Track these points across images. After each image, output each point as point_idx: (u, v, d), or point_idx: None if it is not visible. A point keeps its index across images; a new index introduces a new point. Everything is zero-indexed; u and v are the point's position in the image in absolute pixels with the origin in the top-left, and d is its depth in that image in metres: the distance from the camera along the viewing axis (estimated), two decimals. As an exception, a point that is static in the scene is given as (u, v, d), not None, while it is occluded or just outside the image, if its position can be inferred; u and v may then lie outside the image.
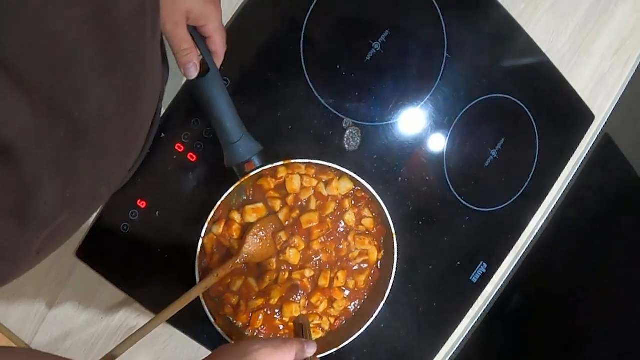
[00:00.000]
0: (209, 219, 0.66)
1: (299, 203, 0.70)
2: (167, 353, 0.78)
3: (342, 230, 0.71)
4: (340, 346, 0.69)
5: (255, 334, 0.70)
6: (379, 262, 0.72)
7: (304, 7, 0.74)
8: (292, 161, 0.67)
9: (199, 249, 0.66)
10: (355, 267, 0.72)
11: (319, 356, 0.68)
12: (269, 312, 0.71)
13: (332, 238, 0.70)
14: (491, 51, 0.80)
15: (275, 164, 0.67)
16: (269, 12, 0.74)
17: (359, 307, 0.73)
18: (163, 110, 0.71)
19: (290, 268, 0.70)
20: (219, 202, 0.66)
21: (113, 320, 0.76)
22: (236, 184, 0.66)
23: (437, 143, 0.79)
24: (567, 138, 0.85)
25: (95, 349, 0.77)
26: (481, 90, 0.79)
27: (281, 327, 0.71)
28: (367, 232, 0.71)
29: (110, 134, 0.49)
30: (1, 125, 0.35)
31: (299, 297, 0.71)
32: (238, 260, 0.68)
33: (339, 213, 0.71)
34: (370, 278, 0.72)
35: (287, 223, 0.70)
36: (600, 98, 0.85)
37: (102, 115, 0.45)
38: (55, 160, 0.42)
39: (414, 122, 0.78)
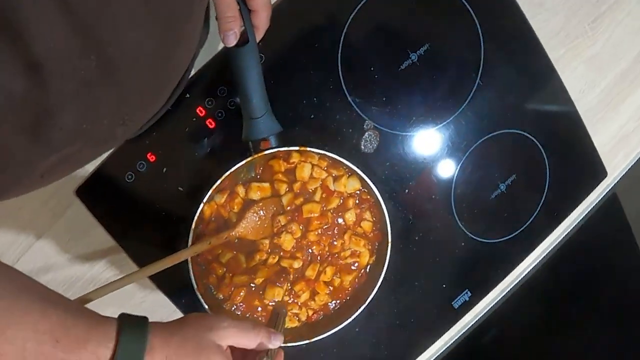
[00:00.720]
0: (214, 187, 0.66)
1: (305, 192, 0.70)
2: (142, 309, 0.78)
3: (340, 227, 0.71)
4: (312, 339, 0.70)
5: (234, 309, 0.71)
6: (369, 266, 0.73)
7: (352, 3, 0.74)
8: (308, 149, 0.67)
9: (197, 214, 0.66)
10: (345, 267, 0.72)
11: (289, 344, 0.69)
12: (251, 291, 0.71)
13: (328, 233, 0.71)
14: (522, 87, 0.80)
15: (291, 148, 0.67)
16: (318, 1, 0.74)
17: (338, 306, 0.73)
18: (193, 72, 0.72)
19: (281, 253, 0.71)
20: (227, 173, 0.66)
21: (97, 265, 0.77)
22: (248, 159, 0.66)
23: (450, 165, 0.79)
24: (576, 189, 0.86)
25: (72, 288, 0.77)
26: (504, 123, 0.80)
27: (259, 308, 0.72)
28: (363, 235, 0.72)
29: (139, 78, 0.50)
30: (38, 40, 0.36)
31: (280, 283, 0.71)
32: (233, 233, 0.68)
33: (341, 210, 0.71)
34: (356, 280, 0.73)
35: (288, 208, 0.70)
36: (618, 157, 0.86)
37: (135, 57, 0.45)
38: (80, 90, 0.42)
39: (432, 140, 0.78)
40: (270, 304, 0.71)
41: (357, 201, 0.72)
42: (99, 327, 0.49)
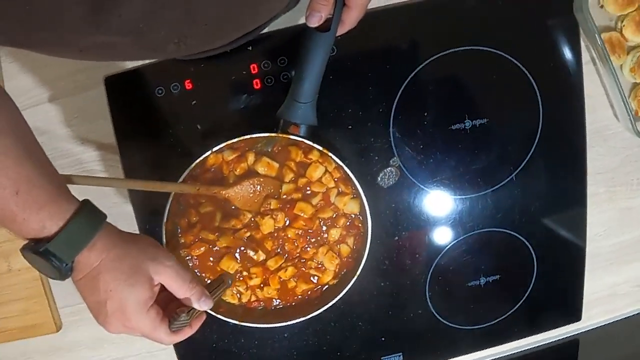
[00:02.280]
0: (229, 142, 0.66)
1: (306, 190, 0.70)
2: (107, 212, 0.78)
3: (321, 238, 0.71)
4: (241, 323, 0.69)
5: (187, 258, 0.70)
6: (327, 286, 0.72)
7: (439, 47, 0.74)
8: (330, 154, 0.67)
9: (202, 157, 0.66)
10: (306, 275, 0.72)
11: (219, 316, 0.69)
12: (210, 251, 0.71)
13: (308, 237, 0.71)
14: (549, 202, 0.79)
15: (315, 145, 0.67)
16: (407, 33, 0.75)
17: (280, 306, 0.73)
18: (266, 30, 0.72)
19: (254, 232, 0.70)
20: (248, 136, 0.66)
21: (87, 153, 0.77)
22: (272, 134, 0.66)
23: (447, 236, 0.79)
24: (546, 318, 0.85)
25: (54, 162, 0.76)
26: (515, 226, 0.79)
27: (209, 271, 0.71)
28: (337, 255, 0.71)
29: (213, 9, 0.50)
30: None
31: (240, 259, 0.71)
32: (223, 192, 0.68)
33: (329, 224, 0.71)
34: (309, 292, 0.72)
35: (284, 197, 0.70)
36: (597, 310, 0.85)
37: None
38: None
39: (444, 205, 0.78)
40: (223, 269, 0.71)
41: (348, 223, 0.71)
42: (59, 201, 0.49)
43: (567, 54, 0.76)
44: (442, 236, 0.79)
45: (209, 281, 0.71)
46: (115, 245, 0.52)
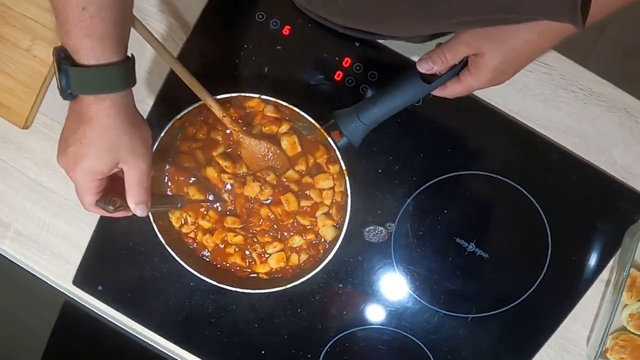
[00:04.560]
0: (278, 101, 0.66)
1: (304, 190, 0.70)
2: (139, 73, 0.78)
3: (282, 235, 0.70)
4: (166, 246, 0.68)
5: (170, 161, 0.70)
6: (256, 275, 0.72)
7: (495, 167, 0.75)
8: (347, 178, 0.67)
9: (247, 95, 0.66)
10: (246, 255, 0.71)
11: (153, 225, 0.68)
12: (190, 170, 0.70)
13: (274, 226, 0.70)
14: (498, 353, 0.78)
15: (342, 161, 0.67)
16: (483, 136, 0.75)
17: (207, 260, 0.72)
18: (384, 42, 0.72)
19: (236, 185, 0.70)
20: (296, 109, 0.66)
21: (164, 15, 0.77)
22: (316, 124, 0.66)
23: (378, 317, 0.77)
24: None
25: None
26: (439, 354, 0.77)
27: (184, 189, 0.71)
28: (285, 260, 0.71)
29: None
30: None
31: (207, 195, 0.70)
32: (241, 136, 0.68)
33: (299, 229, 0.70)
34: (237, 269, 0.72)
35: (283, 179, 0.69)
36: None
37: None
38: None
39: (398, 292, 0.77)
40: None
41: (313, 242, 0.71)
42: (107, 45, 0.50)
43: (593, 260, 0.76)
44: (376, 315, 0.78)
45: (169, 191, 0.70)
46: (118, 116, 0.53)
